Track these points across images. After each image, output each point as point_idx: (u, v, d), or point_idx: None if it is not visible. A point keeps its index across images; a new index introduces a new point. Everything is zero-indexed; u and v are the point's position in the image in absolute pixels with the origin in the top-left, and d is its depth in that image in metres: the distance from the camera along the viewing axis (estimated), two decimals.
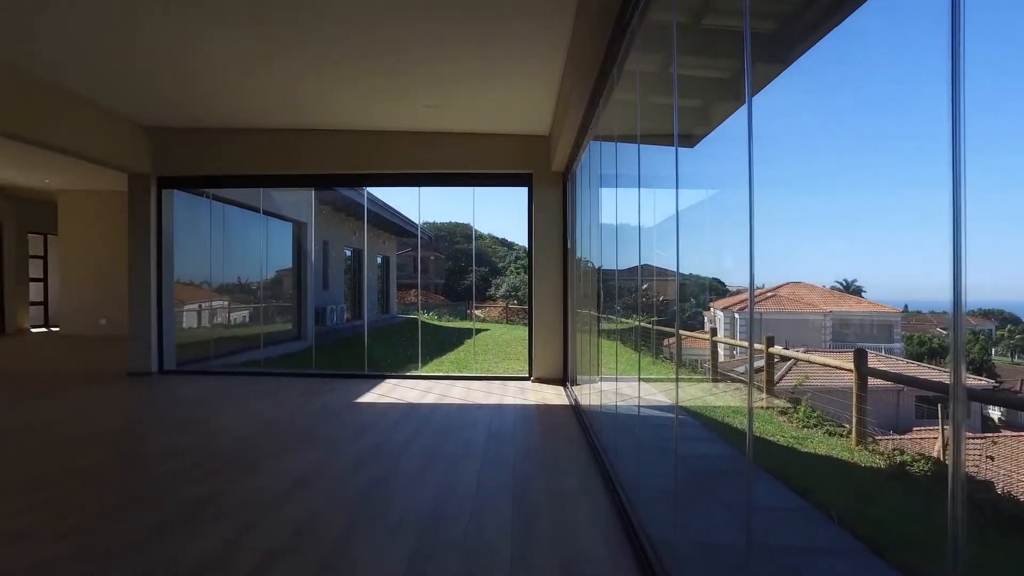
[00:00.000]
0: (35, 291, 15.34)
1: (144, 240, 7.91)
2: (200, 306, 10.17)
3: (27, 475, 3.88)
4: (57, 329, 14.42)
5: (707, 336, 3.14)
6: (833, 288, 2.52)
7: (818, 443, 2.88)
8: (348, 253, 17.80)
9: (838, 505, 2.58)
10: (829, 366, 2.74)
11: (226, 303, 10.85)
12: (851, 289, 2.44)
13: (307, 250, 13.15)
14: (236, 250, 10.19)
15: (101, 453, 4.41)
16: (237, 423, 5.38)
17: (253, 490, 3.62)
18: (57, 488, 3.63)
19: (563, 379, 7.58)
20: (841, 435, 2.83)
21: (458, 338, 15.49)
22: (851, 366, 2.55)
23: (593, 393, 5.11)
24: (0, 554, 2.74)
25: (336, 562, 2.70)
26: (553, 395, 6.83)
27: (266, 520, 3.16)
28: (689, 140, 2.55)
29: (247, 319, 11.52)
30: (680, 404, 2.55)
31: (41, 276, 15.61)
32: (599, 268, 5.00)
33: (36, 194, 14.28)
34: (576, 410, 5.91)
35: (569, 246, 7.35)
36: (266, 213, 10.04)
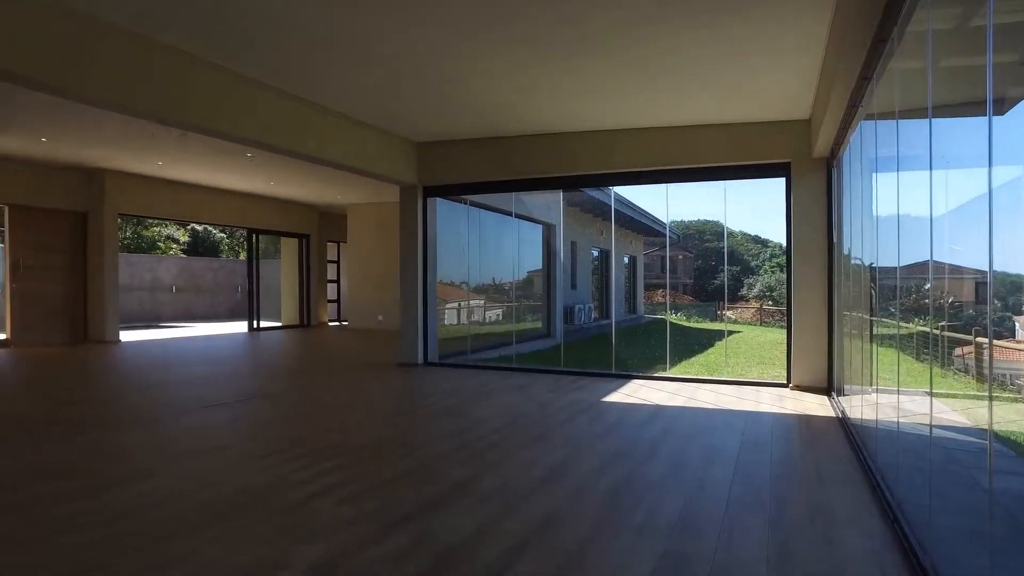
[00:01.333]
0: (330, 291, 18.09)
1: (412, 245, 8.86)
2: (459, 305, 11.11)
3: (323, 445, 4.55)
4: (347, 324, 16.86)
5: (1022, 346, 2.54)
6: None
7: None
8: (595, 253, 18.09)
9: None
10: None
11: (481, 302, 11.71)
12: None
13: (556, 251, 13.63)
14: (490, 252, 10.94)
15: (380, 431, 5.01)
16: (492, 414, 5.74)
17: (507, 478, 3.80)
18: (344, 459, 4.20)
19: (827, 388, 6.83)
20: None
21: (707, 340, 14.86)
22: None
23: (866, 406, 4.50)
24: (300, 510, 3.23)
25: (580, 558, 2.70)
26: (815, 405, 6.18)
27: (518, 508, 3.29)
28: (999, 106, 2.08)
29: (500, 317, 12.31)
30: (993, 428, 2.09)
31: (335, 278, 18.38)
32: (872, 265, 4.38)
33: (332, 208, 16.83)
34: (844, 423, 5.26)
35: (835, 241, 6.59)
36: (518, 216, 10.61)
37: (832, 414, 5.74)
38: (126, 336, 12.86)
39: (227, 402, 6.21)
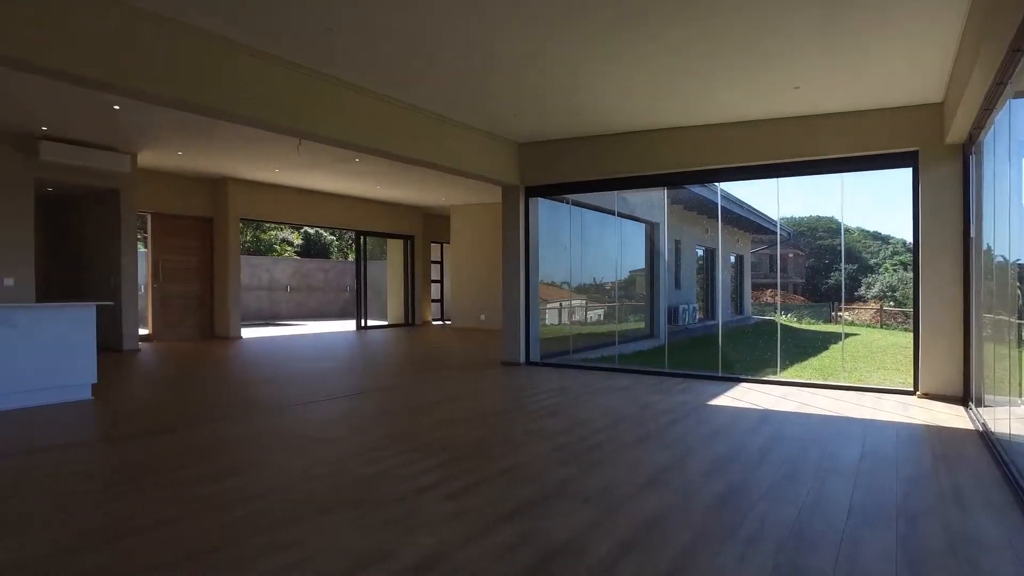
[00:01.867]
0: (434, 290, 18.56)
1: (514, 245, 8.91)
2: (560, 304, 11.07)
3: (429, 440, 4.64)
4: (450, 323, 17.23)
5: None
6: None
7: None
8: (700, 252, 17.54)
9: None
10: None
11: (583, 302, 11.61)
12: None
13: (659, 250, 13.32)
14: (592, 252, 10.82)
15: (483, 428, 5.06)
16: (595, 414, 5.66)
17: (611, 480, 3.73)
18: (449, 454, 4.26)
19: (963, 397, 6.24)
20: None
21: (822, 342, 14.03)
22: None
23: (1016, 420, 4.06)
24: (407, 503, 3.29)
25: (687, 564, 2.59)
26: (948, 415, 5.66)
27: (622, 511, 3.21)
28: None
29: (601, 317, 12.16)
30: None
31: (438, 278, 18.83)
32: (1020, 262, 3.95)
33: (436, 210, 17.25)
34: (986, 438, 4.78)
35: (972, 235, 6.02)
36: (620, 215, 10.44)
37: (970, 427, 5.23)
38: (247, 332, 13.78)
39: (339, 396, 6.49)
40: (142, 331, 11.81)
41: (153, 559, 2.64)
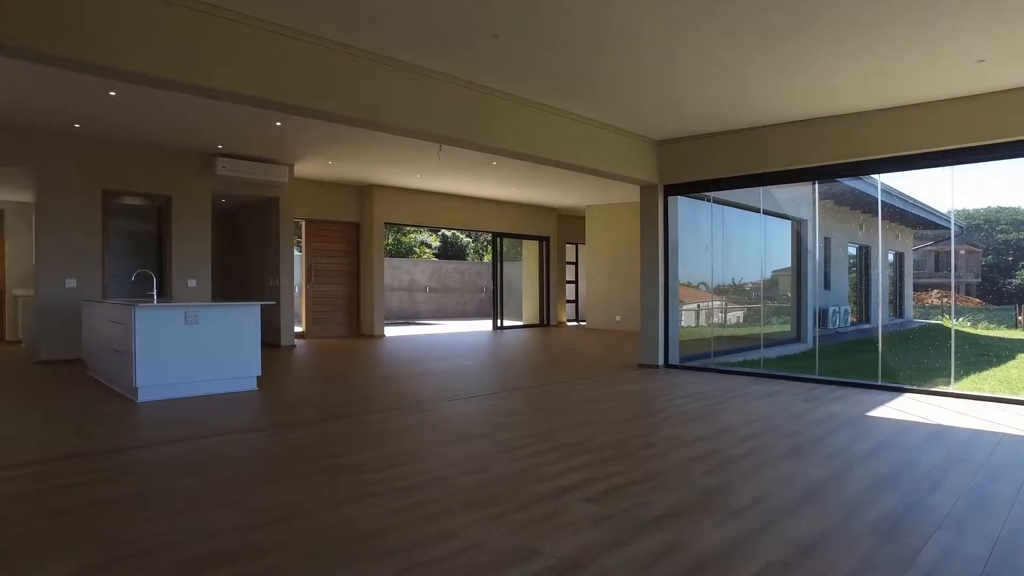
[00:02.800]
0: (568, 291, 18.57)
1: (653, 245, 8.70)
2: (698, 306, 10.67)
3: (569, 441, 4.62)
4: (584, 323, 17.16)
5: None
6: None
7: None
8: (853, 250, 16.26)
9: None
10: None
11: (722, 303, 11.12)
12: None
13: (807, 248, 12.49)
14: (734, 251, 10.34)
15: (623, 432, 4.97)
16: (740, 421, 5.38)
17: (760, 493, 3.51)
18: (590, 456, 4.21)
19: None
20: None
21: (1005, 350, 12.51)
22: None
23: None
24: (548, 504, 3.29)
25: None
26: None
27: (775, 527, 3.01)
28: None
29: (741, 319, 11.59)
30: None
31: (573, 279, 18.81)
32: None
33: (570, 210, 17.27)
34: None
35: None
36: (765, 212, 9.89)
37: None
38: (389, 331, 14.53)
39: (479, 395, 6.65)
40: (296, 328, 12.80)
41: (332, 537, 2.83)
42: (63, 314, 8.73)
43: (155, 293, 7.09)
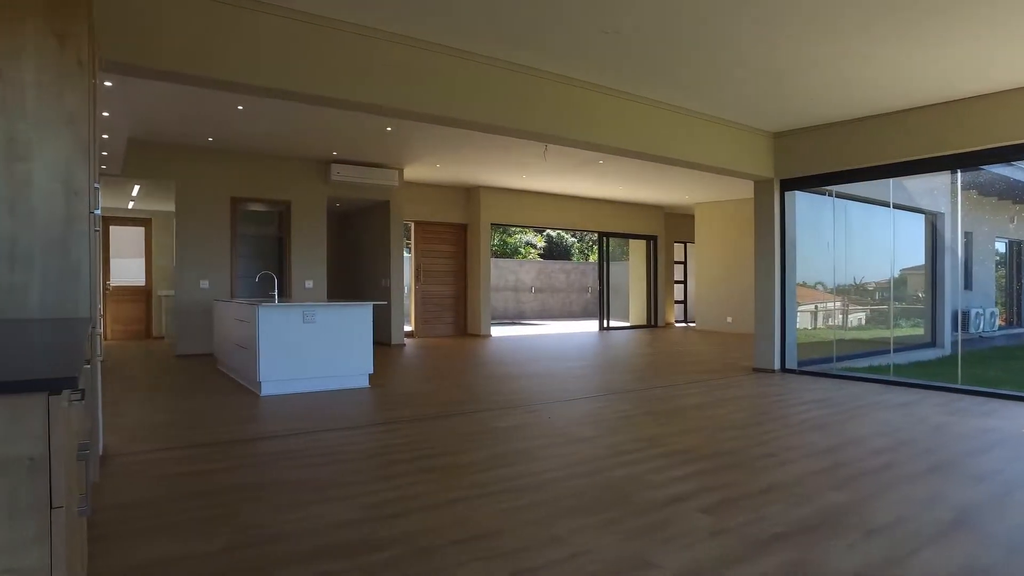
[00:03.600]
0: (676, 291, 18.04)
1: (768, 243, 8.25)
2: (815, 307, 10.01)
3: (681, 447, 4.44)
4: (693, 324, 16.61)
5: None
6: None
7: None
8: (1001, 247, 14.75)
9: None
10: None
11: (843, 304, 10.39)
12: None
13: (944, 244, 11.43)
14: (856, 248, 9.63)
15: (739, 439, 4.71)
16: (869, 433, 4.97)
17: (900, 514, 3.20)
18: (702, 464, 4.02)
19: None
20: None
21: None
22: None
23: None
24: (660, 513, 3.15)
25: None
26: None
27: (921, 555, 2.71)
28: None
29: (862, 322, 10.77)
30: None
31: (681, 279, 18.26)
32: None
33: (678, 209, 16.77)
34: None
35: None
36: (895, 206, 9.15)
37: None
38: (495, 331, 14.68)
39: (587, 396, 6.55)
40: (406, 327, 13.19)
41: (447, 535, 2.86)
42: (198, 312, 9.45)
43: (276, 293, 7.51)
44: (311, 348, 6.48)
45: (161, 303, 12.66)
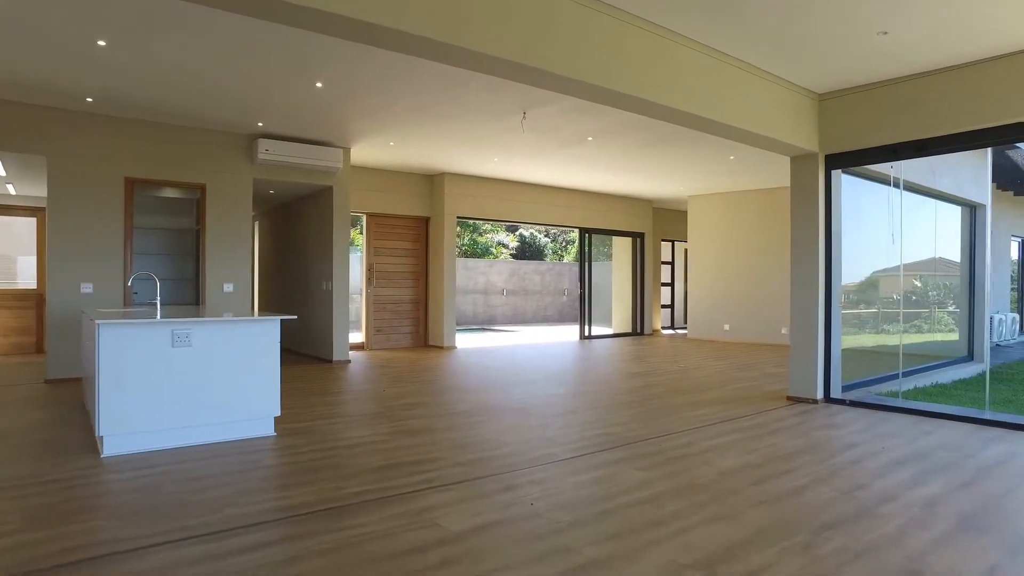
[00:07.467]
0: (663, 295, 16.30)
1: (809, 235, 6.42)
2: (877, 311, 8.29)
3: (762, 563, 2.54)
4: (685, 332, 14.86)
5: None
6: None
7: None
8: (1015, 245, 13.31)
9: None
10: None
11: (875, 310, 8.67)
12: None
13: (984, 241, 9.81)
14: (908, 244, 7.92)
15: (835, 539, 2.81)
16: None
17: None
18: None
19: None
20: None
21: None
22: None
23: None
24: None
25: None
26: None
27: None
28: None
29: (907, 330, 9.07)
30: None
31: (668, 281, 16.52)
32: None
33: (668, 203, 15.01)
34: None
35: None
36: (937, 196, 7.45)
37: None
38: (461, 340, 12.57)
39: (581, 452, 4.62)
40: (357, 338, 11.13)
41: None
42: (76, 324, 7.29)
43: (158, 303, 5.44)
44: (184, 383, 4.44)
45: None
